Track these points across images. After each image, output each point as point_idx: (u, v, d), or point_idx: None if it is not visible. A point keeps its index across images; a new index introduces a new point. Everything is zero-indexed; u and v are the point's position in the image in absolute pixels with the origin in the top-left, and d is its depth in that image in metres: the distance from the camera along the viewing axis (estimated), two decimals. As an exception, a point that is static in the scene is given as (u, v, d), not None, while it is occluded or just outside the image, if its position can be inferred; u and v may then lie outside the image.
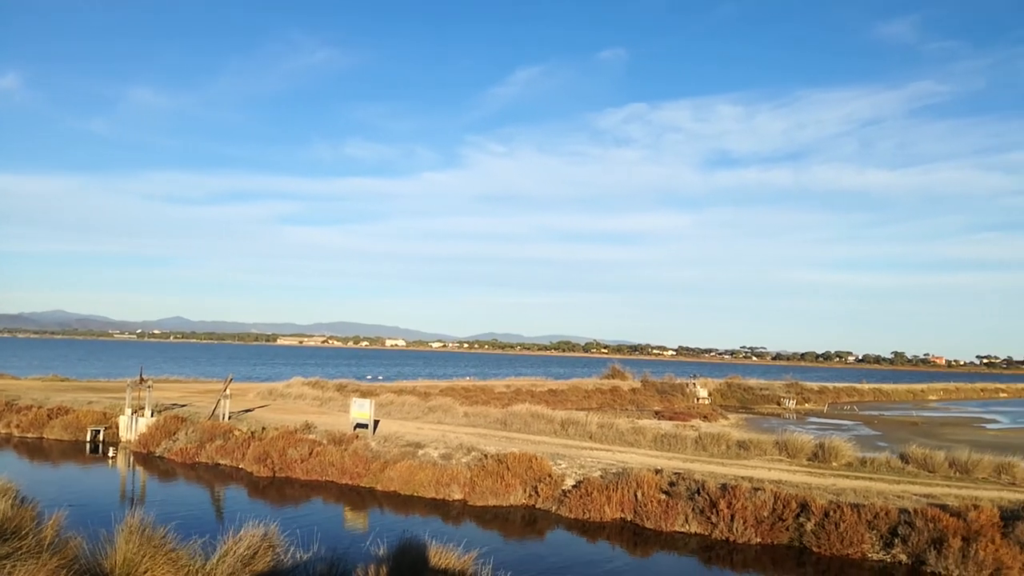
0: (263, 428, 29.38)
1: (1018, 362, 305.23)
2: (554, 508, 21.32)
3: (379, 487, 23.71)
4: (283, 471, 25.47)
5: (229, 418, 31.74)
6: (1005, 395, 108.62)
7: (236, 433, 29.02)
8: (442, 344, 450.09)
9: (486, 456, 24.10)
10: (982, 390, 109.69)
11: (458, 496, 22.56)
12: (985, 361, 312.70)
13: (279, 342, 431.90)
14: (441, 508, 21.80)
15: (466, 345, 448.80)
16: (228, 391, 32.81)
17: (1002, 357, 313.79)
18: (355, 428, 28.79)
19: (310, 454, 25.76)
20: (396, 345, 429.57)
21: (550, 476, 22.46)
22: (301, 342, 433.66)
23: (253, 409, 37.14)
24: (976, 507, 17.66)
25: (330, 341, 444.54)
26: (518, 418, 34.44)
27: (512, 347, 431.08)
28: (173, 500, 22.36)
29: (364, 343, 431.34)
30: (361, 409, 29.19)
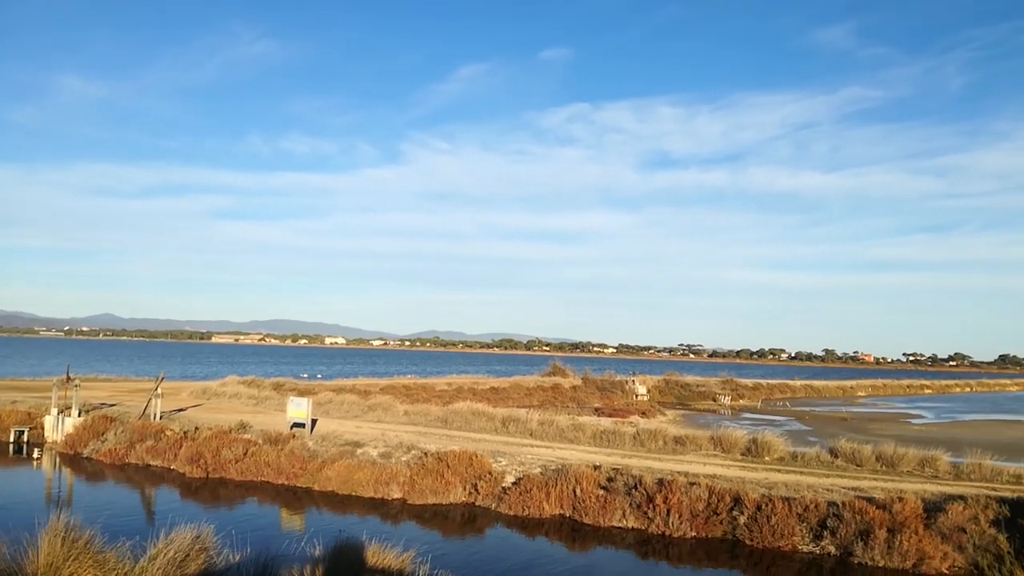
0: (196, 428, 28.68)
1: (942, 360, 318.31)
2: (494, 505, 21.35)
3: (316, 487, 23.39)
4: (217, 472, 24.91)
5: (161, 418, 30.90)
6: (929, 391, 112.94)
7: (168, 433, 28.26)
8: (383, 342, 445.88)
9: (426, 454, 24.00)
10: (908, 387, 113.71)
11: (397, 495, 22.40)
12: (911, 359, 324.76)
13: (214, 340, 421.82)
14: (380, 507, 21.62)
15: (407, 343, 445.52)
16: (160, 390, 31.92)
17: (927, 355, 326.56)
18: (292, 427, 28.33)
19: (245, 454, 25.26)
20: (336, 343, 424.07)
21: (490, 474, 22.49)
22: (237, 340, 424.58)
23: (186, 409, 36.22)
24: (901, 499, 18.33)
25: (267, 339, 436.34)
26: (459, 416, 34.39)
27: (454, 345, 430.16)
28: (101, 502, 21.64)
29: (303, 341, 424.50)
30: (298, 408, 28.74)
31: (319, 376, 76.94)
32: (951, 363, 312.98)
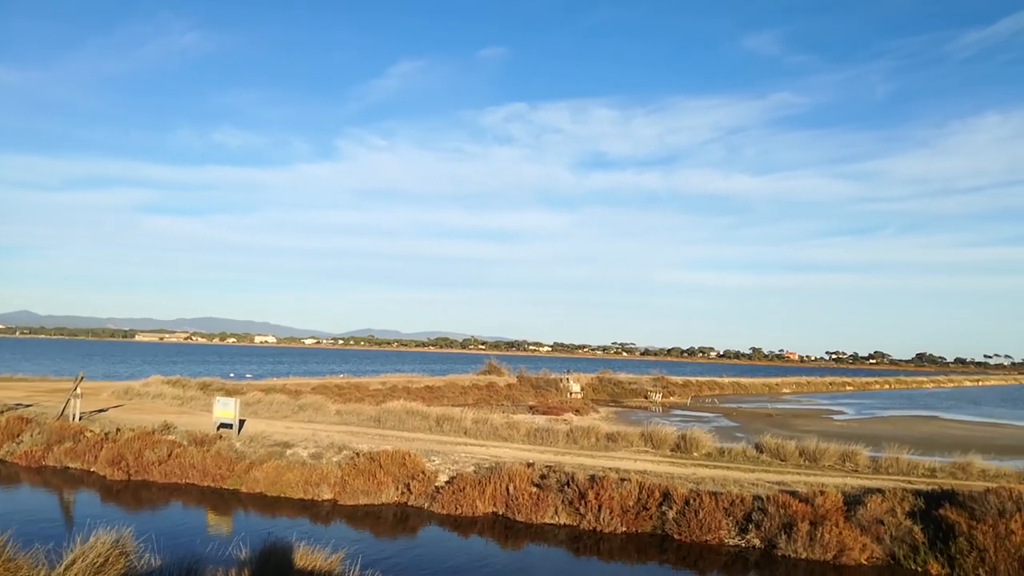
0: (118, 429, 27.69)
1: (863, 358, 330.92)
2: (427, 505, 21.23)
3: (244, 489, 22.85)
4: (139, 474, 24.10)
5: (80, 418, 29.74)
6: (851, 388, 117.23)
7: (88, 434, 27.22)
8: (316, 341, 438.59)
9: (358, 454, 23.71)
10: (830, 384, 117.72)
11: (328, 496, 22.07)
12: (833, 357, 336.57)
13: (137, 338, 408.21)
14: (310, 509, 21.25)
15: (341, 342, 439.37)
16: (79, 390, 30.70)
17: (849, 353, 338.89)
18: (219, 428, 27.62)
19: (169, 456, 24.51)
20: (266, 342, 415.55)
21: (423, 473, 22.36)
22: (162, 338, 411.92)
23: (107, 409, 34.94)
24: (822, 493, 18.95)
25: (194, 338, 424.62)
26: (392, 415, 34.10)
27: (389, 344, 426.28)
28: (16, 506, 20.73)
29: (231, 340, 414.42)
30: (225, 408, 28.02)
31: (248, 376, 75.25)
32: (871, 361, 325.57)
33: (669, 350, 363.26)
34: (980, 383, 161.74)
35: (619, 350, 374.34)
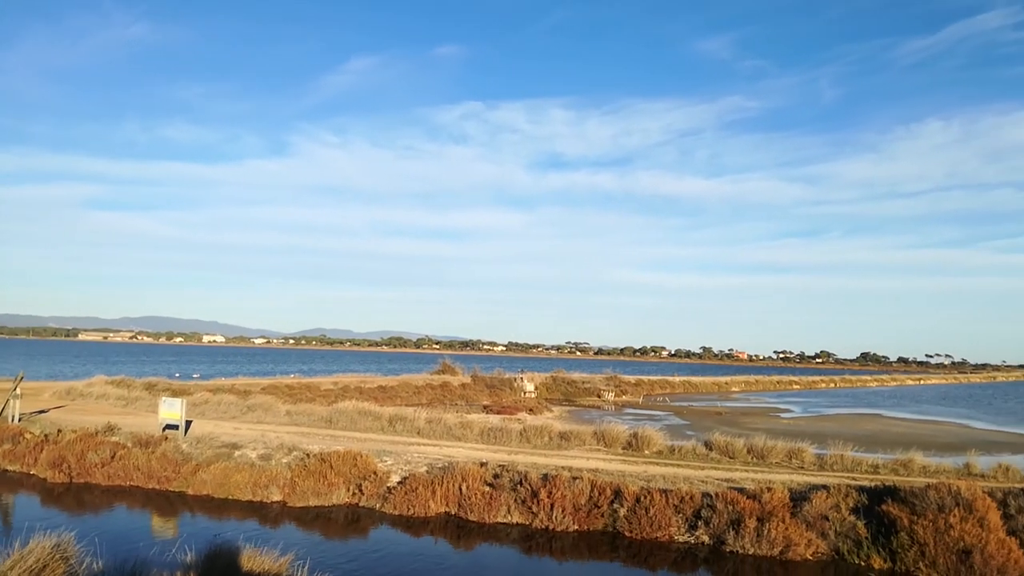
0: (59, 430, 26.90)
1: (810, 357, 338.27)
2: (379, 505, 21.07)
3: (190, 491, 22.39)
4: (82, 476, 23.44)
5: (20, 420, 28.84)
6: (797, 387, 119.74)
7: (27, 436, 26.40)
8: (266, 340, 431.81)
9: (308, 455, 23.41)
10: (778, 382, 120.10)
11: (277, 497, 21.75)
12: (781, 356, 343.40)
13: (81, 338, 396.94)
14: (259, 511, 20.91)
15: (292, 341, 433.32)
16: (19, 390, 29.76)
17: (796, 352, 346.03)
18: (164, 429, 27.03)
19: (113, 457, 23.89)
20: (214, 341, 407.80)
21: (375, 473, 22.18)
22: (106, 338, 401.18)
23: (48, 410, 33.93)
24: (770, 489, 19.32)
25: (139, 337, 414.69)
26: (344, 415, 33.77)
27: (342, 343, 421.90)
28: (-53, 514, 19.97)
29: (178, 339, 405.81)
30: (171, 409, 27.43)
31: (195, 376, 73.76)
32: (817, 360, 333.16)
33: (622, 349, 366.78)
34: (921, 382, 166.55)
35: (573, 349, 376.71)
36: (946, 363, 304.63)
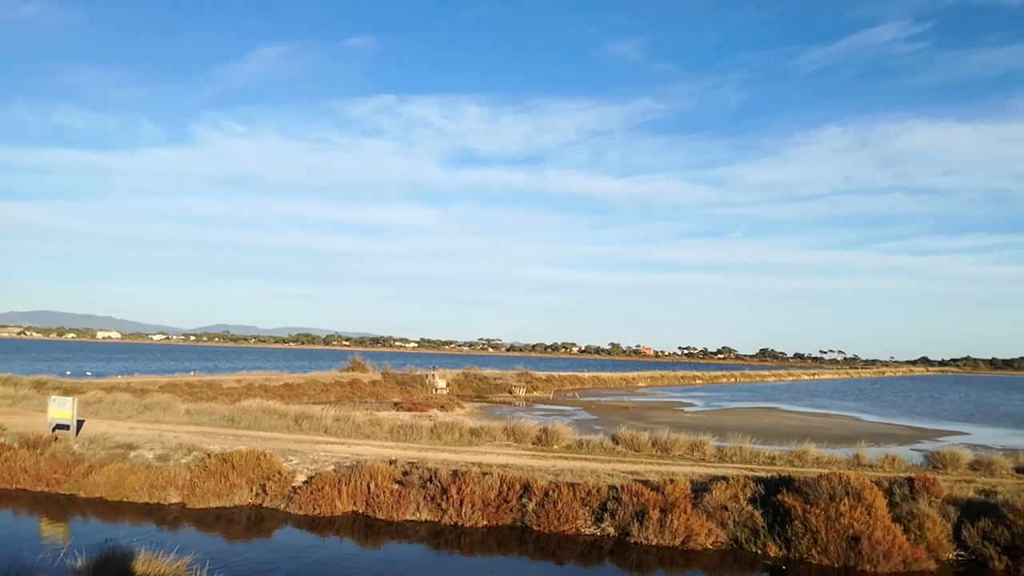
0: (-67, 434, 25.09)
1: (712, 353, 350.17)
2: (283, 506, 20.55)
3: (82, 494, 21.30)
4: (-41, 482, 21.94)
5: None
6: (700, 381, 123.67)
7: None
8: (165, 337, 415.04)
9: (209, 455, 22.62)
10: (682, 377, 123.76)
11: (176, 499, 20.92)
12: (686, 352, 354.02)
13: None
14: (156, 513, 20.08)
15: (193, 338, 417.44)
16: None
17: (700, 348, 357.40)
18: (54, 429, 25.64)
19: (-5, 461, 22.45)
20: (109, 338, 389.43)
21: (280, 473, 21.62)
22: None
23: (-79, 412, 31.62)
24: (672, 481, 19.86)
25: (28, 332, 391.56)
26: (248, 414, 32.83)
27: (246, 340, 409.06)
28: None
29: (70, 335, 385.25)
30: (61, 408, 26.03)
31: (88, 373, 70.20)
32: (720, 356, 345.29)
33: (534, 346, 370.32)
34: (816, 376, 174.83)
35: (485, 346, 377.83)
36: (839, 359, 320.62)
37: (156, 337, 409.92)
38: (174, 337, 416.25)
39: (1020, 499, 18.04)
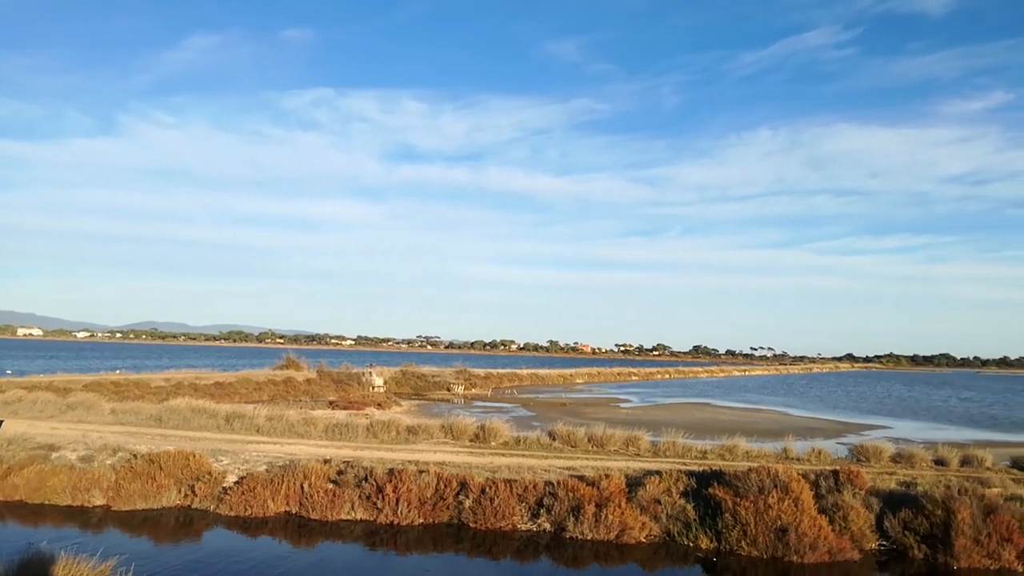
0: None
1: (647, 350, 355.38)
2: (213, 507, 20.07)
3: (1, 497, 20.41)
4: None
5: None
6: (636, 378, 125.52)
7: None
8: (89, 334, 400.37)
9: (136, 456, 21.93)
10: (618, 374, 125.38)
11: (100, 501, 20.23)
12: (622, 349, 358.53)
13: None
14: (79, 516, 19.38)
15: (119, 335, 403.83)
16: None
17: (635, 345, 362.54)
18: (-32, 431, 24.45)
19: (-97, 465, 21.31)
20: (30, 335, 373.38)
21: (209, 474, 21.10)
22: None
23: None
24: (607, 476, 20.10)
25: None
26: (176, 414, 31.97)
27: (175, 338, 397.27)
28: None
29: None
30: (-23, 409, 24.86)
31: (8, 372, 67.32)
32: (655, 352, 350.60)
33: (472, 343, 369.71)
34: (747, 373, 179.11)
35: (424, 344, 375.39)
36: (769, 356, 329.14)
37: (80, 334, 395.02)
38: (99, 334, 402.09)
39: (938, 490, 18.86)
